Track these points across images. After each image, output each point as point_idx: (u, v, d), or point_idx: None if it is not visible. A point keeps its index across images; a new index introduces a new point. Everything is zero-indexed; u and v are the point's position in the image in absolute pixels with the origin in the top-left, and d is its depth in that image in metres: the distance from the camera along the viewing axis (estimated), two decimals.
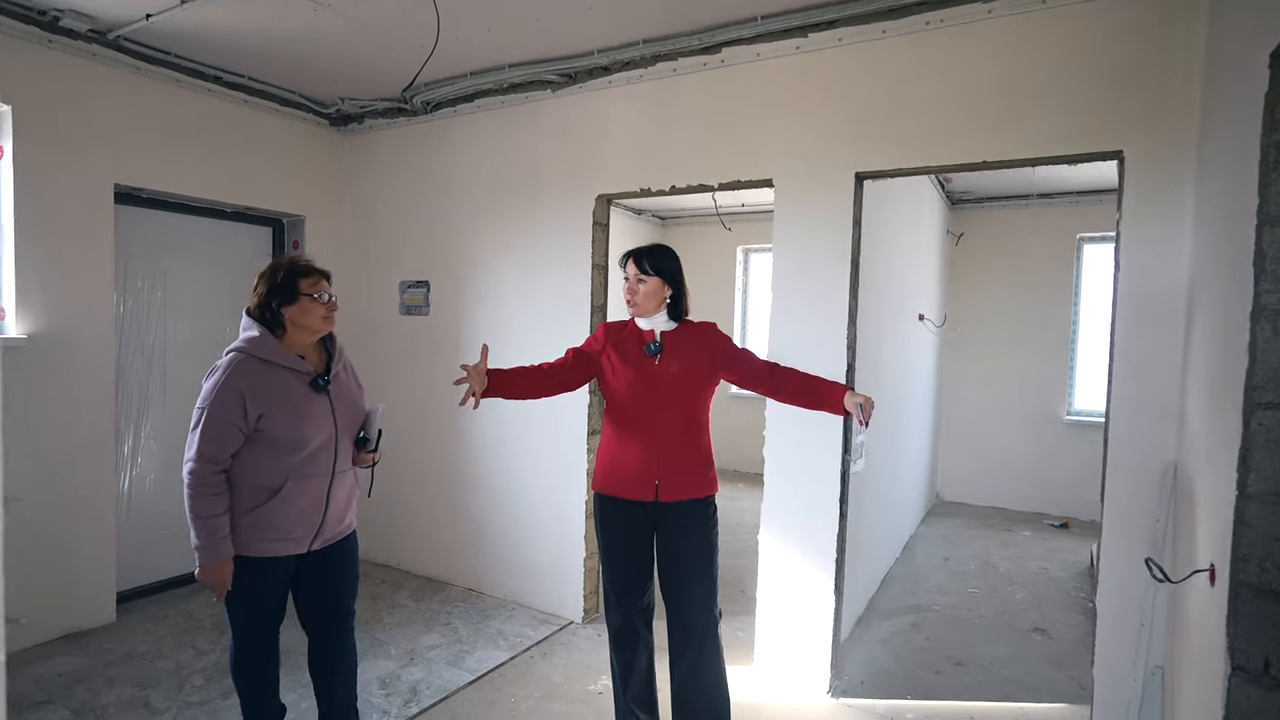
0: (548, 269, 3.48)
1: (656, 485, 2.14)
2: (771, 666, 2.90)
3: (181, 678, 2.76)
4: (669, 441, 2.15)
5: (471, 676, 2.83)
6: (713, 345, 2.21)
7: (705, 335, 2.24)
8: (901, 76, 2.60)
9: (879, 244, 3.40)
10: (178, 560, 3.66)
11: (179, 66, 3.36)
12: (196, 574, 1.96)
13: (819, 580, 2.79)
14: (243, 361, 1.98)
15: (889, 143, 2.63)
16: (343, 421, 2.13)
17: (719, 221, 6.76)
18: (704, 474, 2.18)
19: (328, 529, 2.13)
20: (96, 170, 3.14)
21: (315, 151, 4.09)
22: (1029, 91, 2.40)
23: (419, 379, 3.93)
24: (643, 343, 2.21)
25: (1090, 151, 2.33)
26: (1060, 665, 3.11)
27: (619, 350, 2.22)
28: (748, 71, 2.90)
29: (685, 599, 2.17)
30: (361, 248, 4.19)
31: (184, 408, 3.59)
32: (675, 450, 2.15)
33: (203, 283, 3.75)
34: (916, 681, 2.94)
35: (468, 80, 3.47)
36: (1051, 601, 3.86)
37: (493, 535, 3.70)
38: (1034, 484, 5.75)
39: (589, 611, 3.41)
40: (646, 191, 3.18)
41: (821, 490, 2.78)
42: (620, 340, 2.25)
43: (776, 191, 2.87)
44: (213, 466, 1.95)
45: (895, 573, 4.24)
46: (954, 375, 6.08)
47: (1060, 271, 5.68)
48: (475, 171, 3.71)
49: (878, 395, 3.61)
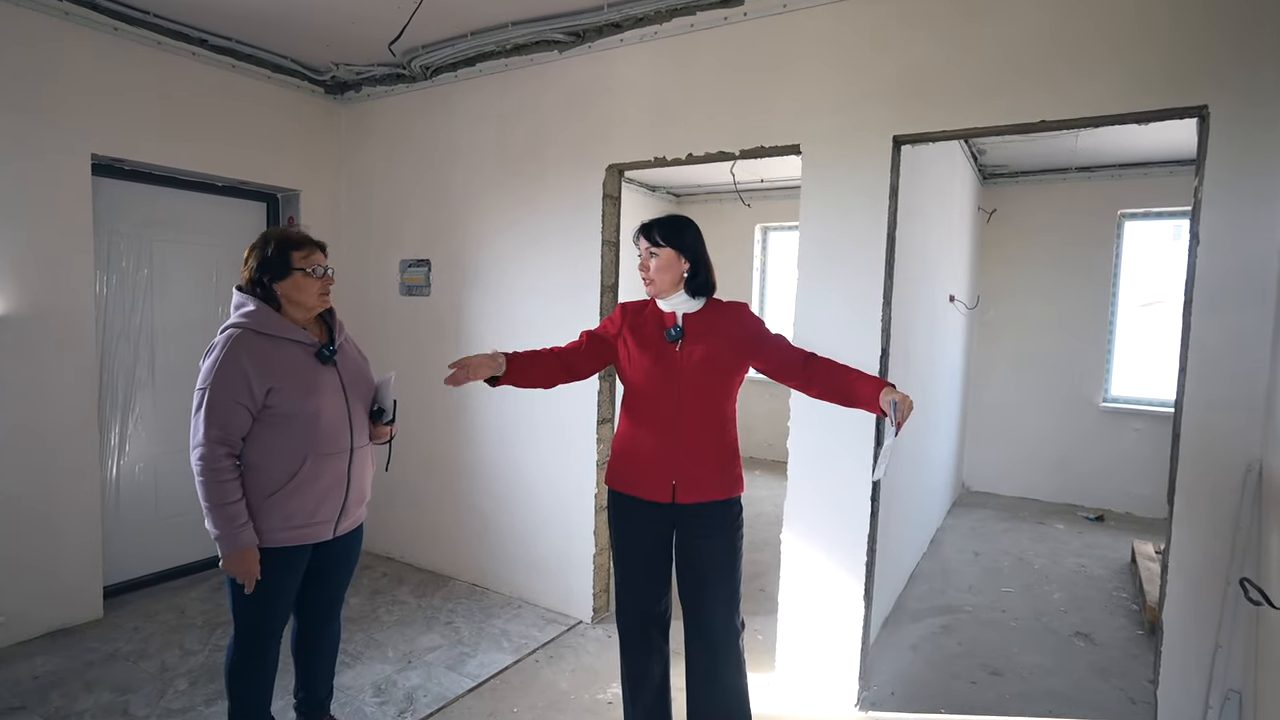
0: (555, 246, 3.24)
1: (674, 485, 1.92)
2: (794, 675, 2.68)
3: (165, 681, 2.60)
4: (689, 436, 1.92)
5: (472, 683, 2.65)
6: (742, 329, 1.97)
7: (734, 317, 1.99)
8: (947, 27, 2.32)
9: (910, 219, 3.12)
10: (170, 552, 3.51)
11: (160, 28, 3.13)
12: (221, 565, 1.86)
13: (847, 585, 2.56)
14: (242, 336, 1.86)
15: (931, 102, 2.35)
16: (353, 393, 2.04)
17: (737, 198, 6.48)
18: (727, 473, 1.95)
19: (350, 510, 2.06)
20: (72, 139, 2.93)
21: (310, 122, 3.86)
22: (1095, 40, 2.11)
23: (421, 363, 3.72)
24: (663, 326, 1.97)
25: (1167, 107, 2.04)
26: (1108, 676, 2.88)
27: (637, 334, 2.00)
28: (773, 25, 2.62)
29: (704, 608, 1.96)
30: (360, 225, 3.97)
31: (173, 392, 3.45)
32: (695, 446, 1.92)
33: (193, 261, 3.55)
34: (951, 693, 2.71)
35: (468, 41, 3.21)
36: (1092, 603, 3.61)
37: (498, 528, 3.50)
38: (1066, 473, 5.48)
39: (599, 610, 3.21)
40: (661, 161, 2.92)
41: (850, 487, 2.54)
42: (639, 323, 2.02)
43: (804, 159, 2.60)
44: (222, 450, 1.83)
45: (923, 569, 4.01)
46: (983, 359, 5.80)
47: (1098, 250, 5.35)
48: (478, 141, 3.46)
49: (908, 381, 3.38)
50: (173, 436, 3.43)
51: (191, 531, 3.46)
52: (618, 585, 2.08)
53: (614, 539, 2.07)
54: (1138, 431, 5.24)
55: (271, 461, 1.90)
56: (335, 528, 2.02)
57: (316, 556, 2.05)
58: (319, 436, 1.94)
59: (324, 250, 2.05)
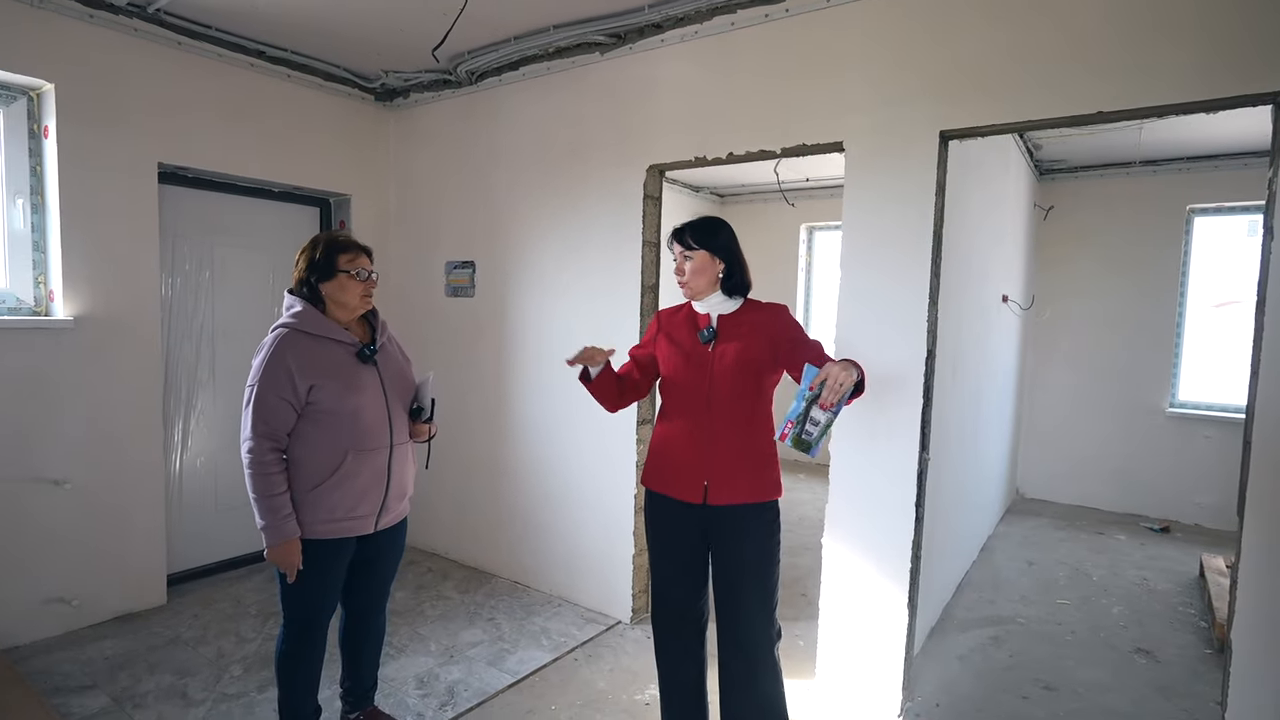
0: (597, 247, 3.25)
1: (705, 486, 1.91)
2: (835, 683, 2.63)
3: (221, 667, 2.71)
4: (720, 437, 1.90)
5: (512, 679, 2.68)
6: (777, 331, 1.94)
7: (770, 318, 1.97)
8: (994, 17, 2.24)
9: (960, 215, 3.04)
10: (229, 543, 3.67)
11: (221, 41, 3.27)
12: (265, 555, 1.94)
13: (890, 592, 2.50)
14: (288, 336, 1.95)
15: (979, 95, 2.28)
16: (393, 391, 2.10)
17: (781, 197, 6.40)
18: (762, 476, 1.93)
19: (391, 505, 2.11)
20: (140, 149, 3.09)
21: (361, 128, 3.98)
22: (1156, 25, 2.01)
23: (465, 363, 3.79)
24: (697, 327, 1.98)
25: (1237, 95, 1.92)
26: (1170, 695, 2.73)
27: (671, 336, 2.02)
28: (815, 21, 2.58)
29: (739, 613, 1.94)
30: (407, 227, 4.07)
31: (232, 390, 3.60)
32: (728, 447, 1.90)
33: (250, 264, 3.70)
34: (1000, 707, 2.62)
35: (512, 45, 3.26)
36: (1156, 618, 3.43)
37: (539, 527, 3.54)
38: (1129, 482, 5.22)
39: (638, 611, 3.21)
40: (702, 161, 2.90)
41: (894, 490, 2.48)
42: (673, 326, 2.04)
43: (847, 156, 2.55)
44: (268, 444, 1.92)
45: (972, 578, 3.88)
46: (1039, 362, 5.58)
47: (1165, 248, 5.09)
48: (521, 144, 3.51)
49: (957, 384, 3.28)
50: (231, 433, 3.58)
51: (248, 524, 3.60)
52: (653, 586, 2.08)
53: (649, 539, 2.07)
54: (1208, 439, 4.96)
55: (314, 456, 1.96)
56: (376, 522, 2.08)
57: (361, 550, 2.11)
58: (359, 433, 2.00)
59: (369, 255, 2.11)
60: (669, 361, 1.99)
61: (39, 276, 2.92)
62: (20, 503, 2.81)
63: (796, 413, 1.63)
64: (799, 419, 1.63)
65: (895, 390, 2.45)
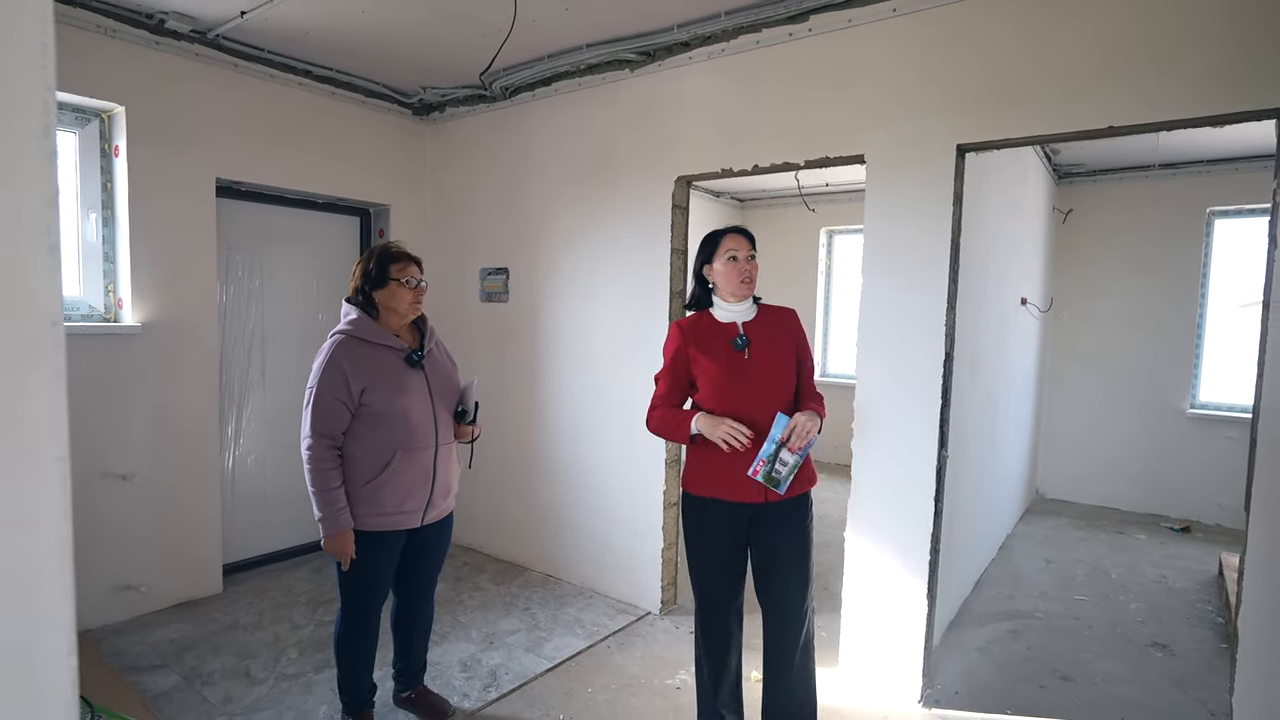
0: (626, 254, 3.41)
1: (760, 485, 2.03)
2: (858, 671, 2.76)
3: (279, 650, 2.90)
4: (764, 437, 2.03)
5: (549, 664, 2.84)
6: (793, 336, 2.14)
7: (788, 323, 2.15)
8: (1012, 35, 2.36)
9: (978, 222, 3.15)
10: (278, 535, 3.87)
11: (272, 62, 3.48)
12: (322, 544, 2.10)
13: (910, 583, 2.62)
14: (344, 342, 2.12)
15: (997, 109, 2.40)
16: (439, 394, 2.26)
17: (802, 202, 6.51)
18: (807, 468, 2.07)
19: (437, 501, 2.26)
20: (200, 165, 3.30)
21: (399, 141, 4.17)
22: (1163, 42, 2.12)
23: (500, 366, 3.96)
24: (726, 337, 2.08)
25: (1241, 110, 2.03)
26: (1186, 687, 2.82)
27: (704, 348, 2.08)
28: (838, 40, 2.71)
29: (782, 593, 2.08)
30: (443, 235, 4.26)
31: (280, 391, 3.80)
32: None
33: (296, 271, 3.90)
34: (1018, 696, 2.73)
35: (545, 63, 3.43)
36: (1173, 614, 3.51)
37: (570, 523, 3.70)
38: (1149, 482, 5.27)
39: (666, 603, 3.36)
40: (728, 172, 3.05)
41: (914, 486, 2.60)
42: (701, 338, 2.09)
43: (869, 168, 2.68)
44: (326, 442, 2.08)
45: (991, 574, 3.98)
46: (1059, 363, 5.64)
47: (1185, 250, 5.13)
48: (553, 156, 3.68)
49: (975, 385, 3.39)
50: (280, 432, 3.79)
51: (296, 518, 3.81)
52: (699, 585, 2.15)
53: (694, 543, 2.14)
54: (1230, 439, 4.99)
55: (366, 454, 2.12)
56: (423, 516, 2.23)
57: (411, 542, 2.27)
58: (407, 433, 2.15)
59: (419, 264, 2.28)
60: (708, 373, 2.05)
61: (109, 285, 3.14)
62: (92, 496, 3.03)
63: (768, 454, 1.94)
64: (770, 459, 1.95)
65: (915, 390, 2.58)
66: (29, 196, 0.49)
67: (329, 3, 2.88)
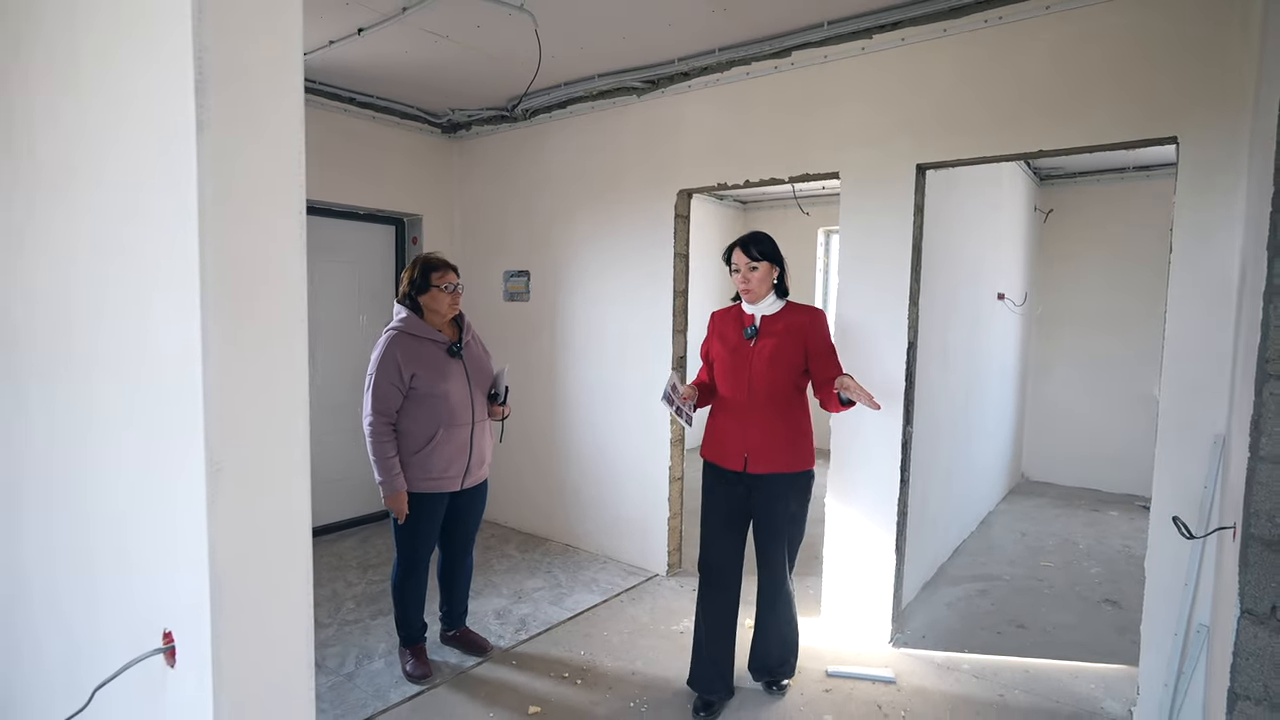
0: (634, 257, 3.84)
1: (745, 457, 2.42)
2: (837, 618, 3.19)
3: (338, 603, 3.37)
4: (757, 418, 2.39)
5: (570, 614, 3.29)
6: (810, 335, 2.40)
7: (808, 321, 2.42)
8: (961, 72, 2.77)
9: (950, 226, 3.55)
10: (327, 511, 4.35)
11: (322, 91, 3.94)
12: (383, 502, 2.56)
13: (882, 540, 3.04)
14: (397, 337, 2.58)
15: (949, 135, 2.81)
16: (475, 379, 2.71)
17: (798, 206, 6.90)
18: (794, 450, 2.41)
19: (474, 469, 2.71)
20: None
21: (430, 158, 4.63)
22: (1086, 81, 2.52)
23: (522, 359, 4.41)
24: (743, 325, 2.48)
25: (1147, 137, 2.43)
26: (1126, 632, 3.22)
27: (722, 334, 2.53)
28: (816, 72, 3.13)
29: (771, 552, 2.51)
30: (470, 241, 4.71)
31: (326, 385, 4.28)
32: (762, 426, 2.39)
33: (340, 276, 4.37)
34: (976, 639, 3.14)
35: (562, 90, 3.87)
36: (1129, 577, 3.90)
37: (586, 497, 4.15)
38: (1126, 464, 5.64)
39: (672, 566, 3.80)
40: (724, 186, 3.47)
41: (884, 455, 3.02)
42: (725, 326, 2.54)
43: (843, 182, 3.10)
44: (383, 419, 2.53)
45: (968, 545, 4.38)
46: (1042, 354, 6.02)
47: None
48: (568, 170, 4.12)
49: (945, 373, 3.81)
50: (327, 421, 4.26)
51: (344, 495, 4.28)
52: (704, 537, 2.55)
53: (703, 499, 2.57)
54: None
55: (415, 429, 2.58)
56: (463, 481, 2.67)
57: (453, 504, 2.73)
58: (448, 412, 2.60)
59: (456, 271, 2.72)
60: (719, 356, 2.51)
61: None
62: None
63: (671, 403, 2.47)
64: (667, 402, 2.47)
65: (883, 375, 3.00)
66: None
67: (377, 45, 3.33)
